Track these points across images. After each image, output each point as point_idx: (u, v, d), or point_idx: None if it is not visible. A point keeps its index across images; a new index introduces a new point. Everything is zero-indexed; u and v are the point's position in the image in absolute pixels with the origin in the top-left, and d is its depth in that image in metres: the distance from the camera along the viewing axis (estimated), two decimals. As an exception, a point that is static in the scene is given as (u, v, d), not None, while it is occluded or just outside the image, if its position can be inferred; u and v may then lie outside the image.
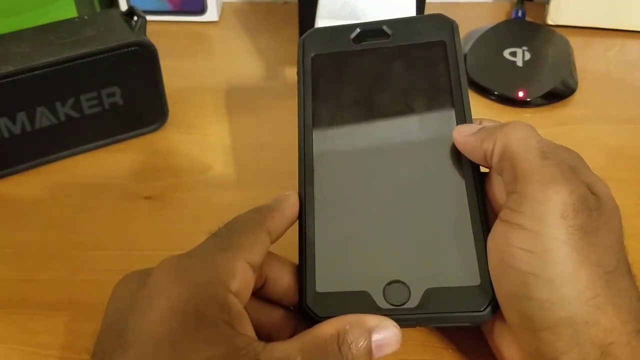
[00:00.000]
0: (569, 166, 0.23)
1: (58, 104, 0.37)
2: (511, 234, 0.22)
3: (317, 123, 0.28)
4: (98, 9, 0.51)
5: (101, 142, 0.40)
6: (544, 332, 0.21)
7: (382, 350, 0.21)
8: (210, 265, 0.22)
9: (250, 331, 0.22)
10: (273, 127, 0.43)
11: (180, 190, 0.38)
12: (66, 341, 0.28)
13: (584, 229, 0.21)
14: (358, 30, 0.30)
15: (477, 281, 0.23)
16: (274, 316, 0.26)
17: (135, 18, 0.40)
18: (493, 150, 0.24)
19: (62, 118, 0.38)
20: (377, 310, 0.23)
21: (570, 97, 0.45)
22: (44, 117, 0.37)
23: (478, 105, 0.45)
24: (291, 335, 0.23)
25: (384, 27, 0.30)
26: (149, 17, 0.40)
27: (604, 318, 0.20)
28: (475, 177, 0.26)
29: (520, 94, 0.44)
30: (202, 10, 0.55)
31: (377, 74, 0.29)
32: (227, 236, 0.23)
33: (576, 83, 0.47)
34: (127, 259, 0.33)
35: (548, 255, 0.21)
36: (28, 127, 0.37)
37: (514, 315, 0.22)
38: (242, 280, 0.22)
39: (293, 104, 0.45)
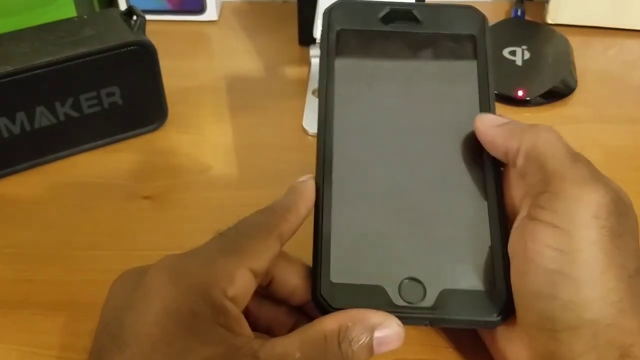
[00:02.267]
0: (598, 170, 0.23)
1: (57, 104, 0.37)
2: (541, 231, 0.21)
3: (339, 106, 0.27)
4: (97, 8, 0.51)
5: (101, 142, 0.40)
6: (564, 333, 0.21)
7: (382, 348, 0.21)
8: (208, 269, 0.21)
9: (248, 331, 0.22)
10: (273, 126, 0.43)
11: (180, 190, 0.38)
12: (66, 341, 0.28)
13: (613, 231, 0.21)
14: (388, 9, 0.29)
15: (492, 286, 0.23)
16: (275, 311, 0.26)
17: (135, 17, 0.40)
18: (519, 148, 0.24)
19: (62, 118, 0.38)
20: (391, 306, 0.23)
21: (569, 96, 0.45)
22: (43, 117, 0.37)
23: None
24: (291, 329, 0.23)
25: (415, 11, 0.29)
26: (148, 17, 0.40)
27: (626, 320, 0.20)
28: (496, 176, 0.26)
29: (520, 93, 0.44)
30: (201, 9, 0.55)
31: (405, 59, 0.28)
32: (234, 240, 0.23)
33: (576, 82, 0.47)
34: (126, 259, 0.33)
35: (578, 255, 0.21)
36: (27, 127, 0.37)
37: (533, 315, 0.22)
38: (241, 287, 0.22)
39: (293, 104, 0.45)
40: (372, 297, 0.23)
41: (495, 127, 0.25)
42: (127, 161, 0.40)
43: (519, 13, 0.55)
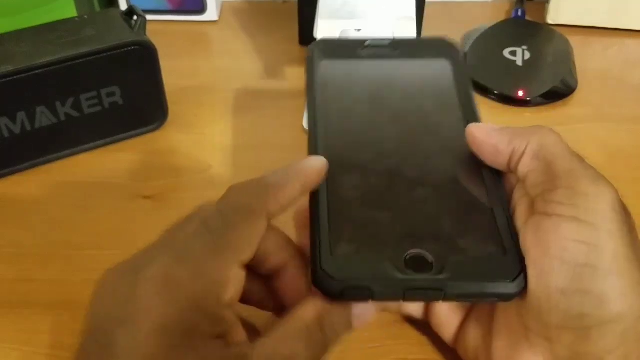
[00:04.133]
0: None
1: (58, 104, 0.37)
2: (563, 226, 0.21)
3: (327, 125, 0.28)
4: (98, 8, 0.51)
5: (101, 142, 0.40)
6: (595, 330, 0.20)
7: (361, 322, 0.22)
8: (200, 277, 0.20)
9: (242, 335, 0.21)
10: (273, 126, 0.43)
11: (180, 190, 0.38)
12: (66, 341, 0.28)
13: (629, 226, 0.21)
14: (366, 43, 0.31)
15: (503, 253, 0.22)
16: (261, 286, 0.25)
17: (135, 17, 0.40)
18: (525, 149, 0.23)
19: (62, 117, 0.38)
20: (398, 279, 0.21)
21: (570, 97, 0.45)
22: (43, 117, 0.37)
23: (478, 105, 0.45)
24: (266, 296, 0.24)
25: (391, 43, 0.31)
26: (148, 17, 0.40)
27: None
28: (493, 171, 0.25)
29: (520, 93, 0.44)
30: (201, 9, 0.55)
31: (385, 82, 0.29)
32: (221, 234, 0.21)
33: (576, 82, 0.47)
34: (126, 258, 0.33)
35: (606, 247, 0.20)
36: (28, 127, 0.37)
37: (559, 315, 0.21)
38: (235, 287, 0.21)
39: (293, 104, 0.45)
40: (376, 270, 0.22)
41: (496, 131, 0.25)
42: (127, 161, 0.40)
43: (519, 13, 0.55)
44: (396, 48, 0.31)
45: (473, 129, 0.25)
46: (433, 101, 0.29)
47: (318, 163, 0.24)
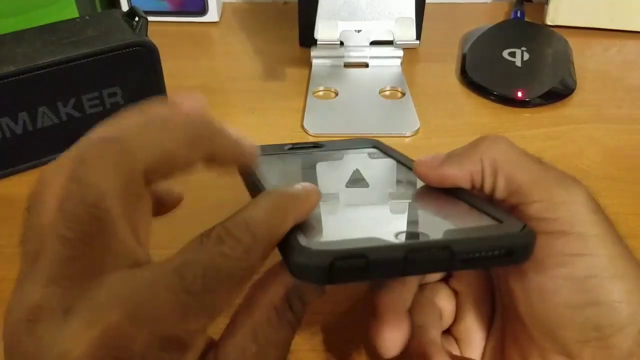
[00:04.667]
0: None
1: (59, 104, 0.37)
2: (555, 243, 0.20)
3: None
4: (99, 9, 0.51)
5: (102, 142, 0.40)
6: (613, 337, 0.20)
7: None
8: (161, 342, 0.16)
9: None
10: (273, 126, 0.43)
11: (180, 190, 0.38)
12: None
13: (609, 222, 0.21)
14: (293, 145, 0.31)
15: (500, 222, 0.20)
16: None
17: (137, 18, 0.40)
18: (483, 169, 0.22)
19: (64, 118, 0.38)
20: (397, 244, 0.18)
21: (569, 97, 0.46)
22: (45, 117, 0.37)
23: (477, 106, 0.45)
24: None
25: (319, 143, 0.31)
26: (150, 18, 0.41)
27: None
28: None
29: (519, 94, 0.44)
30: (202, 11, 0.55)
31: (320, 159, 0.30)
32: (200, 298, 0.17)
33: (575, 83, 0.47)
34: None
35: (600, 253, 0.20)
36: (30, 127, 0.37)
37: (575, 330, 0.20)
38: (197, 351, 0.17)
39: (293, 104, 0.46)
40: (370, 239, 0.18)
41: (444, 163, 0.23)
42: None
43: (518, 14, 0.55)
44: (321, 145, 0.31)
45: (419, 167, 0.23)
46: (372, 164, 0.28)
47: (311, 193, 0.20)
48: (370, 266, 0.18)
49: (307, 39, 0.49)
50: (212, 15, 0.55)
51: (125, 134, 0.19)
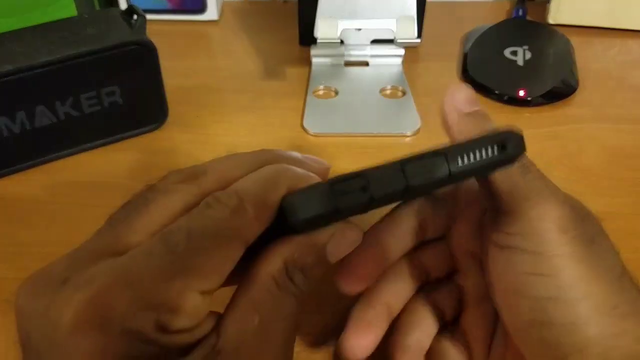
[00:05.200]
0: (548, 178, 0.21)
1: (58, 103, 0.37)
2: (515, 259, 0.20)
3: None
4: (98, 8, 0.51)
5: (101, 141, 0.40)
6: (572, 357, 0.19)
7: (340, 255, 0.20)
8: (144, 302, 0.16)
9: (205, 329, 0.18)
10: (273, 126, 0.43)
11: (180, 190, 0.37)
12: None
13: (584, 239, 0.20)
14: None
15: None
16: None
17: (135, 17, 0.39)
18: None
19: (62, 117, 0.38)
20: (392, 162, 0.18)
21: (571, 97, 0.45)
22: (43, 116, 0.37)
23: (478, 105, 0.45)
24: None
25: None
26: (148, 16, 0.40)
27: (631, 325, 0.19)
28: None
29: (521, 93, 0.44)
30: (202, 9, 0.55)
31: None
32: (183, 257, 0.17)
33: (577, 82, 0.46)
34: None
35: (560, 275, 0.19)
36: (28, 126, 0.37)
37: (535, 345, 0.20)
38: (192, 315, 0.17)
39: (293, 104, 0.45)
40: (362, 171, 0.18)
41: (465, 117, 0.22)
42: (127, 160, 0.39)
43: (520, 13, 0.55)
44: None
45: (451, 99, 0.23)
46: None
47: (316, 164, 0.21)
48: (371, 185, 0.17)
49: (307, 38, 0.49)
50: (212, 13, 0.55)
51: None
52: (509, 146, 0.19)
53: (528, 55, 0.48)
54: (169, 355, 0.17)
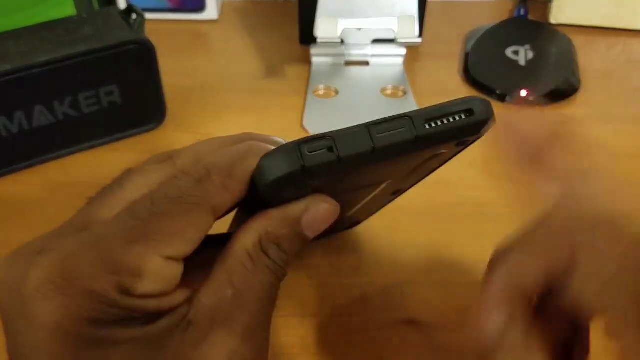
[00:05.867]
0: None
1: (56, 103, 0.37)
2: None
3: None
4: (96, 7, 0.51)
5: (99, 141, 0.40)
6: None
7: (317, 229, 0.19)
8: (106, 265, 0.17)
9: (177, 300, 0.18)
10: (273, 126, 0.42)
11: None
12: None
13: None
14: None
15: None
16: None
17: (134, 16, 0.39)
18: None
19: (60, 117, 0.38)
20: (359, 125, 0.18)
21: (573, 96, 0.45)
22: (42, 116, 0.37)
23: (480, 105, 0.45)
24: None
25: None
26: (148, 16, 0.40)
27: None
28: None
29: (523, 93, 0.44)
30: (201, 8, 0.55)
31: None
32: (146, 221, 0.17)
33: (579, 82, 0.46)
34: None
35: None
36: (26, 126, 0.37)
37: None
38: (156, 280, 0.17)
39: (293, 103, 0.45)
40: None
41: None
42: (126, 160, 0.39)
43: (522, 12, 0.54)
44: None
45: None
46: None
47: (276, 139, 0.21)
48: (338, 145, 0.17)
49: (308, 37, 0.49)
50: (211, 12, 0.55)
51: None
52: (476, 111, 0.19)
53: (530, 55, 0.47)
54: (136, 320, 0.17)
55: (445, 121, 0.18)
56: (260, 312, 0.18)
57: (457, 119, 0.19)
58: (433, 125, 0.18)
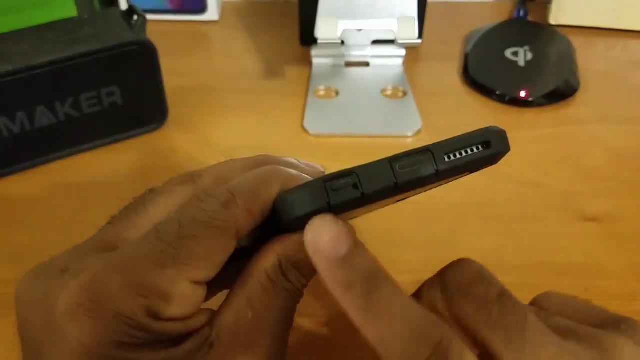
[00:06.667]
0: None
1: (57, 103, 0.37)
2: None
3: None
4: (98, 8, 0.51)
5: (101, 142, 0.40)
6: None
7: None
8: (135, 288, 0.17)
9: (199, 322, 0.19)
10: (273, 126, 0.42)
11: (180, 190, 0.37)
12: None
13: None
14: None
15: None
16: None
17: (135, 17, 0.39)
18: None
19: (62, 117, 0.38)
20: (382, 160, 0.19)
21: (572, 97, 0.45)
22: (43, 117, 0.37)
23: (479, 106, 0.45)
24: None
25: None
26: (149, 17, 0.40)
27: None
28: None
29: (522, 93, 0.44)
30: (202, 9, 0.55)
31: None
32: (174, 245, 0.17)
33: (578, 83, 0.46)
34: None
35: None
36: (27, 127, 0.37)
37: None
38: (183, 304, 0.17)
39: (294, 104, 0.45)
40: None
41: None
42: (127, 161, 0.39)
43: (521, 13, 0.55)
44: None
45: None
46: None
47: (294, 161, 0.21)
48: (362, 181, 0.18)
49: (308, 38, 0.49)
50: (212, 13, 0.55)
51: None
52: (493, 143, 0.19)
53: (529, 55, 0.48)
54: (162, 343, 0.17)
55: (464, 153, 0.19)
56: (279, 334, 0.19)
57: (475, 150, 0.19)
58: (452, 157, 0.19)
